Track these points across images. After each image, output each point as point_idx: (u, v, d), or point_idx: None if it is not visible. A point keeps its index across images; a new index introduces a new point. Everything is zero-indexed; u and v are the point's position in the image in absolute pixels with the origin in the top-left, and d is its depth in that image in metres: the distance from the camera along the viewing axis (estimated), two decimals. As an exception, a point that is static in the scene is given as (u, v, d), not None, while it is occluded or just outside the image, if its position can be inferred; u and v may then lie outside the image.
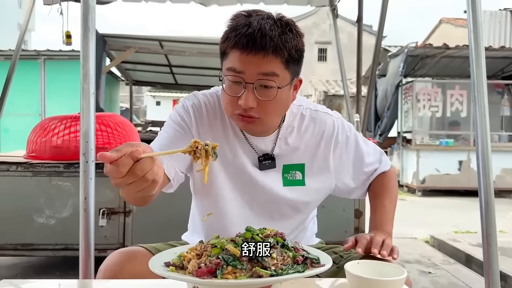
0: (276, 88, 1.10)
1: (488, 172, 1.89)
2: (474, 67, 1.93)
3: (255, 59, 1.08)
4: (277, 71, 1.10)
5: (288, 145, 1.26)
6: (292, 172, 1.26)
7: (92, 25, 1.72)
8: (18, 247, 2.84)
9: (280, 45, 1.08)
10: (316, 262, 0.88)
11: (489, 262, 1.87)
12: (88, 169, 1.70)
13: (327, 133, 1.28)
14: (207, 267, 0.79)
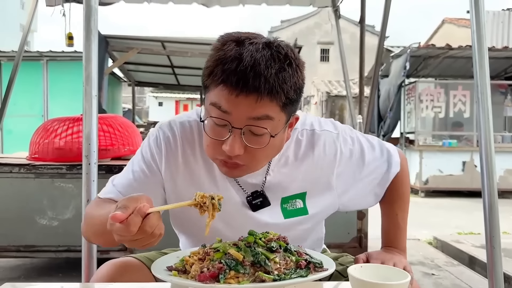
0: (269, 135, 0.95)
1: (491, 173, 1.88)
2: (477, 68, 1.92)
3: (245, 102, 0.91)
4: (271, 114, 0.93)
5: (283, 176, 1.10)
6: (291, 201, 1.12)
7: (94, 27, 1.73)
8: (21, 249, 2.84)
9: (277, 87, 0.91)
10: (319, 266, 0.87)
11: (493, 264, 1.86)
12: (90, 171, 1.71)
13: (328, 154, 1.12)
14: (210, 271, 0.79)
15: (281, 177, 1.10)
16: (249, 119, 0.92)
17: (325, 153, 1.11)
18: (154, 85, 11.42)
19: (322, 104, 14.76)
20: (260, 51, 0.91)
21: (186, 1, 4.63)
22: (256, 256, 0.81)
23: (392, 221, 1.25)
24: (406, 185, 1.27)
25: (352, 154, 1.14)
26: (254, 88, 0.89)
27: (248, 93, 0.90)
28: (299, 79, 0.96)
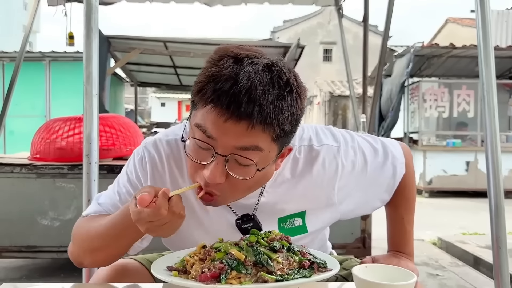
0: (255, 168, 0.85)
1: (497, 173, 1.85)
2: (483, 67, 1.89)
3: (234, 129, 0.81)
4: (261, 145, 0.84)
5: (279, 196, 1.02)
6: (290, 220, 1.04)
7: (95, 25, 1.71)
8: (23, 249, 2.83)
9: (272, 116, 0.81)
10: (323, 266, 0.85)
11: (499, 265, 1.84)
12: (91, 171, 1.69)
13: (328, 170, 1.03)
14: (211, 271, 0.77)
15: (277, 197, 1.02)
16: (235, 148, 0.83)
17: (325, 170, 1.02)
18: (157, 85, 11.43)
19: (324, 104, 14.71)
20: (259, 73, 0.82)
21: (188, 0, 4.62)
22: (258, 256, 0.79)
23: (398, 225, 1.22)
24: (412, 186, 1.22)
25: (355, 165, 1.06)
26: (247, 115, 0.80)
27: (239, 120, 0.80)
28: (297, 109, 0.86)
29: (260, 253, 0.80)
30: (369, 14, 3.96)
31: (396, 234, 1.22)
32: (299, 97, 0.87)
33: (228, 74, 0.81)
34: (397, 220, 1.21)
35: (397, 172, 1.14)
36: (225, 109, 0.80)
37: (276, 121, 0.82)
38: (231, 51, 0.85)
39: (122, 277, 1.03)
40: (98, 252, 0.97)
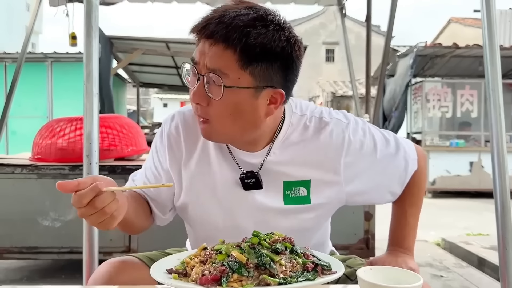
0: (222, 86, 0.90)
1: (503, 173, 1.82)
2: (488, 65, 1.86)
3: (204, 48, 0.91)
4: (225, 69, 0.90)
5: (285, 158, 1.05)
6: (295, 188, 1.06)
7: (95, 24, 1.69)
8: (23, 250, 2.82)
9: (235, 37, 0.87)
10: (327, 269, 0.82)
11: (506, 267, 1.80)
12: (92, 171, 1.67)
13: (335, 141, 1.05)
14: (212, 274, 0.75)
15: (283, 158, 1.05)
16: (208, 68, 0.91)
17: (332, 140, 1.05)
18: (159, 86, 11.41)
19: (327, 104, 14.70)
20: (244, 9, 0.90)
21: (190, 0, 4.60)
22: (260, 258, 0.77)
23: (400, 217, 1.19)
24: (421, 184, 1.21)
25: (363, 146, 1.07)
26: (212, 33, 0.89)
27: (206, 38, 0.90)
28: (271, 42, 0.89)
29: (262, 255, 0.77)
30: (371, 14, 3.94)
31: (397, 227, 1.20)
32: (276, 33, 0.90)
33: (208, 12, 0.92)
34: (400, 213, 1.19)
35: (409, 166, 1.13)
36: (199, 31, 0.91)
37: (238, 42, 0.87)
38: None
39: (123, 273, 1.05)
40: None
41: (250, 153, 1.05)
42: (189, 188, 1.09)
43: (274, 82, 0.94)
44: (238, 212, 1.07)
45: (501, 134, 1.82)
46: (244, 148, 1.06)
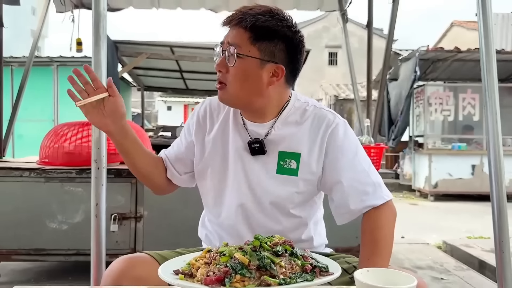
0: (235, 55, 1.19)
1: (500, 178, 1.87)
2: (485, 72, 1.91)
3: (229, 31, 1.23)
4: (239, 43, 1.19)
5: (285, 132, 1.28)
6: (287, 160, 1.27)
7: (103, 33, 1.75)
8: (31, 252, 2.87)
9: (247, 20, 1.18)
10: (325, 270, 0.87)
11: (503, 269, 1.85)
12: (100, 176, 1.72)
13: (324, 127, 1.27)
14: (216, 275, 0.80)
15: (283, 132, 1.28)
16: (227, 43, 1.21)
17: (323, 125, 1.28)
18: (163, 89, 11.46)
19: (330, 107, 14.74)
20: (255, 8, 1.21)
21: (195, 7, 4.67)
22: (261, 260, 0.82)
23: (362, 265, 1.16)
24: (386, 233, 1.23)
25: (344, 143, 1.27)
26: (231, 19, 1.21)
27: (228, 23, 1.22)
28: (277, 27, 1.19)
29: (263, 257, 0.83)
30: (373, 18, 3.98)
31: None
32: (280, 22, 1.20)
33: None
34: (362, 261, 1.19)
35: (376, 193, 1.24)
36: (225, 21, 1.22)
37: (249, 24, 1.17)
38: None
39: (134, 269, 1.15)
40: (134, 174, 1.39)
41: (259, 124, 1.29)
42: (209, 152, 1.33)
43: (277, 59, 1.22)
44: (241, 175, 1.29)
45: (497, 139, 1.87)
46: (254, 119, 1.30)
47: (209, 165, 1.33)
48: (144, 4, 4.64)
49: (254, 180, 1.28)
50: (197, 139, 1.36)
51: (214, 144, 1.33)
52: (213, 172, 1.33)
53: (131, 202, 2.86)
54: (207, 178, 1.35)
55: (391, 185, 10.10)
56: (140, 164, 1.34)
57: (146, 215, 2.88)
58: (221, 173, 1.32)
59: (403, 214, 6.97)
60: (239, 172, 1.29)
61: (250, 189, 1.28)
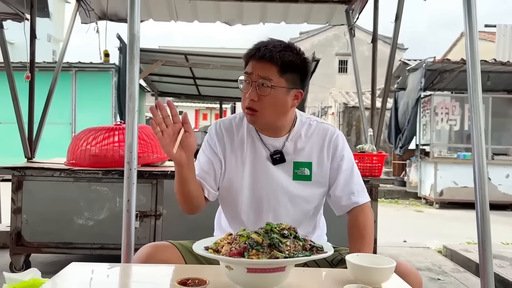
0: (270, 87, 1.43)
1: (483, 185, 2.12)
2: (471, 90, 2.17)
3: (258, 64, 1.44)
4: (271, 76, 1.43)
5: (297, 146, 1.56)
6: (301, 168, 1.56)
7: (137, 52, 2.01)
8: (60, 246, 3.14)
9: (277, 57, 1.42)
10: (320, 249, 1.12)
11: (484, 264, 2.09)
12: (131, 176, 1.98)
13: (328, 138, 1.58)
14: (237, 250, 1.05)
15: (295, 145, 1.56)
16: (259, 76, 1.43)
17: (327, 137, 1.58)
18: (176, 95, 11.76)
19: (339, 115, 14.94)
20: (277, 42, 1.47)
21: (210, 20, 4.95)
22: (272, 240, 1.07)
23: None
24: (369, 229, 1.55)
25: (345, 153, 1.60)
26: (262, 55, 1.42)
27: (259, 59, 1.43)
28: (297, 61, 1.47)
29: (273, 238, 1.07)
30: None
31: None
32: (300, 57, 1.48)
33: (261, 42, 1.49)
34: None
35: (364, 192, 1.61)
36: (253, 55, 1.45)
37: (279, 60, 1.42)
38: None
39: (159, 254, 1.40)
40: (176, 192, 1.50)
41: (275, 138, 1.56)
42: (234, 164, 1.57)
43: (297, 85, 1.50)
44: (262, 183, 1.55)
45: (481, 150, 2.12)
46: (270, 135, 1.56)
47: (234, 176, 1.57)
48: (163, 17, 4.93)
49: (274, 185, 1.55)
50: (222, 154, 1.58)
51: (235, 157, 1.57)
52: (238, 181, 1.56)
53: (152, 201, 3.13)
54: (233, 187, 1.57)
55: (398, 192, 10.28)
56: (192, 191, 1.48)
57: (165, 214, 3.14)
58: (246, 181, 1.56)
59: (407, 220, 7.21)
60: (261, 180, 1.55)
61: (272, 192, 1.55)
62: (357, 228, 1.53)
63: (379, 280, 1.18)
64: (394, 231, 5.58)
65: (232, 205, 1.61)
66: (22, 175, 3.12)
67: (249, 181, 1.57)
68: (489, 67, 8.49)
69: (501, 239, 5.21)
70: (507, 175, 8.55)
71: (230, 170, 1.58)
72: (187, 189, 1.47)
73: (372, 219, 1.58)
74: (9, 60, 3.91)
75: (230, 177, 1.58)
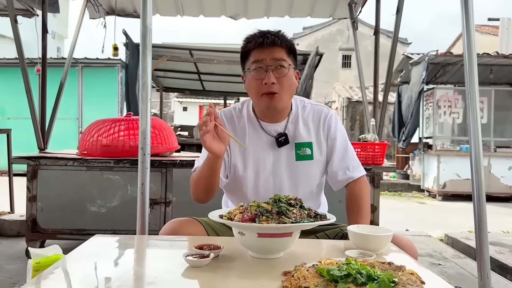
0: (288, 67, 1.57)
1: (480, 170, 2.24)
2: (468, 78, 2.26)
3: (268, 50, 1.56)
4: (284, 57, 1.58)
5: (297, 128, 1.68)
6: (303, 149, 1.67)
7: (149, 44, 2.12)
8: (74, 232, 3.26)
9: (284, 39, 1.59)
10: (324, 217, 1.23)
11: (480, 243, 2.20)
12: (145, 160, 2.09)
13: (323, 118, 1.71)
14: (249, 216, 1.16)
15: (295, 128, 1.68)
16: (273, 59, 1.56)
17: (321, 117, 1.71)
18: (181, 90, 11.87)
19: (343, 109, 15.02)
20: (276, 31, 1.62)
21: (216, 14, 5.05)
22: (280, 208, 1.18)
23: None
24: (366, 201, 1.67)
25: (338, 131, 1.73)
26: (272, 40, 1.57)
27: (269, 45, 1.56)
28: (294, 44, 1.65)
29: (281, 206, 1.19)
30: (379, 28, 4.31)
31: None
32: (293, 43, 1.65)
33: (257, 34, 1.61)
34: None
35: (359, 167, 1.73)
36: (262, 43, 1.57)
37: (286, 41, 1.59)
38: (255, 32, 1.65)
39: (184, 227, 1.52)
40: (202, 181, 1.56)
41: (275, 124, 1.68)
42: (239, 151, 1.67)
43: (296, 66, 1.64)
44: (266, 168, 1.66)
45: (478, 141, 2.22)
46: (271, 121, 1.68)
47: (238, 163, 1.67)
48: (170, 12, 5.03)
49: (278, 168, 1.65)
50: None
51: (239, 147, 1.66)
52: (242, 168, 1.67)
53: (162, 189, 3.25)
54: (239, 172, 1.67)
55: (401, 185, 10.37)
56: (216, 182, 1.57)
57: (174, 201, 3.25)
58: (250, 167, 1.66)
59: (410, 211, 7.32)
60: (267, 163, 1.66)
61: (277, 175, 1.65)
62: (354, 200, 1.65)
63: (377, 247, 1.29)
64: (397, 221, 5.68)
65: (238, 191, 1.71)
66: (37, 165, 3.24)
67: (253, 167, 1.66)
68: (492, 60, 8.56)
69: (502, 229, 5.31)
70: (510, 167, 8.62)
71: (234, 157, 1.68)
72: (213, 181, 1.54)
73: (368, 192, 1.70)
74: (23, 55, 4.01)
75: (234, 163, 1.68)
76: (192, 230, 1.53)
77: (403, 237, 1.51)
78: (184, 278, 1.04)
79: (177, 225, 1.54)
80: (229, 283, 1.03)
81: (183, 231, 1.51)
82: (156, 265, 1.20)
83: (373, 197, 3.23)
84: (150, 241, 1.56)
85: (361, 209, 1.63)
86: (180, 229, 1.52)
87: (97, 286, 1.00)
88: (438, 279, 1.06)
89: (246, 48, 1.62)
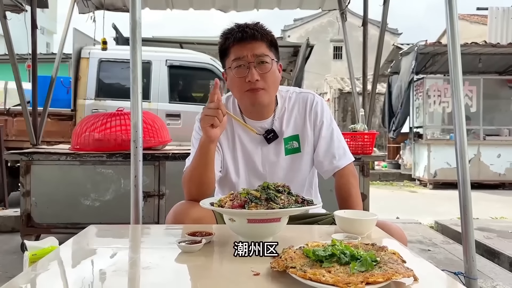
0: (271, 62, 1.54)
1: (464, 156, 2.30)
2: (452, 66, 2.31)
3: (248, 45, 1.52)
4: (265, 52, 1.54)
5: (283, 123, 1.67)
6: (290, 142, 1.68)
7: (139, 37, 2.14)
8: (68, 226, 3.30)
9: (263, 33, 1.54)
10: (311, 202, 1.28)
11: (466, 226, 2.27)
12: (137, 153, 2.12)
13: (309, 106, 1.69)
14: (238, 203, 1.21)
15: (281, 122, 1.68)
16: (255, 55, 1.52)
17: (307, 105, 1.69)
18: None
19: (334, 101, 15.09)
20: (254, 23, 1.57)
21: (205, 7, 5.07)
22: (268, 194, 1.22)
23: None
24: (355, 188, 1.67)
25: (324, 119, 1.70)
26: (252, 36, 1.52)
27: (249, 40, 1.52)
28: (274, 36, 1.61)
29: (270, 193, 1.23)
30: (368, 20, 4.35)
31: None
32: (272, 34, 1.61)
33: (235, 28, 1.56)
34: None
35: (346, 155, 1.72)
36: (242, 39, 1.52)
37: (266, 35, 1.55)
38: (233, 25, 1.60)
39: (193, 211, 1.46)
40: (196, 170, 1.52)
41: (261, 121, 1.67)
42: (228, 147, 1.67)
43: (278, 59, 1.61)
44: (256, 165, 1.67)
45: (462, 128, 2.27)
46: (257, 118, 1.66)
47: (228, 159, 1.67)
48: (159, 5, 5.04)
49: (268, 165, 1.66)
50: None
51: (227, 140, 1.67)
52: (232, 164, 1.67)
53: (155, 182, 3.29)
54: (228, 170, 1.68)
55: (393, 175, 10.48)
56: (210, 173, 1.53)
57: (167, 193, 3.30)
58: (240, 164, 1.66)
59: (401, 200, 7.41)
60: (255, 161, 1.66)
61: (267, 172, 1.66)
62: (342, 188, 1.66)
63: (362, 231, 1.34)
64: (388, 209, 5.77)
65: (229, 187, 1.69)
66: (30, 160, 3.26)
67: (244, 165, 1.67)
68: (480, 49, 8.64)
69: (491, 215, 5.41)
70: (499, 155, 8.74)
71: (224, 153, 1.68)
72: (207, 173, 1.51)
73: (356, 180, 1.69)
74: (13, 51, 4.01)
75: (225, 159, 1.68)
76: (202, 212, 1.45)
77: (392, 224, 1.52)
78: (177, 263, 1.09)
79: (187, 208, 1.48)
80: (220, 266, 1.07)
81: (194, 213, 1.45)
82: (150, 251, 1.25)
83: (363, 186, 3.30)
84: (145, 230, 1.60)
85: (350, 195, 1.64)
86: (190, 212, 1.46)
87: (93, 271, 1.04)
88: (419, 259, 1.11)
89: (225, 45, 1.57)
